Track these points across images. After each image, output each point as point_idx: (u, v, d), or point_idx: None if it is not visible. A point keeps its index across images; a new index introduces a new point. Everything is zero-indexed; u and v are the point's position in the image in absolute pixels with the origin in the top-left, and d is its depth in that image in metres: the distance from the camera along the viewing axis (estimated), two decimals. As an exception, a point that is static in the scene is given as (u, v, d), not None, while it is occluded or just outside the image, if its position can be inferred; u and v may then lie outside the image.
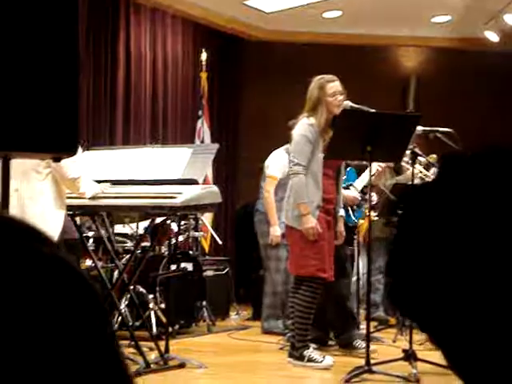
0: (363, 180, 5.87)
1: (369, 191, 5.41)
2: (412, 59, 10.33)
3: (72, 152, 2.76)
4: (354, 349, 5.77)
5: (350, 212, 5.82)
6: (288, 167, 5.60)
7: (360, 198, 5.88)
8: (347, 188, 5.81)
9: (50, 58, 2.60)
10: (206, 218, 7.92)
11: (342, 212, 5.52)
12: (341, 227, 5.49)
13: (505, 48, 9.49)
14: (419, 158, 5.65)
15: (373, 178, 5.74)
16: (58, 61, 2.61)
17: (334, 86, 5.29)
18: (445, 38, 9.91)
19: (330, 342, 6.05)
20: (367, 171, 5.75)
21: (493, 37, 9.12)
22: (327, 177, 5.27)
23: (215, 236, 7.91)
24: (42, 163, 4.41)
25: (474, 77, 9.95)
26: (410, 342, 5.21)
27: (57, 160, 2.83)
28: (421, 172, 5.88)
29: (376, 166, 5.87)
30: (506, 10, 8.51)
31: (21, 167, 4.13)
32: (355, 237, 6.64)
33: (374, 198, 6.43)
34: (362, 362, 4.99)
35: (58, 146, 2.67)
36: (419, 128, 5.25)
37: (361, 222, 6.73)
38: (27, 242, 0.60)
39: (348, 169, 5.87)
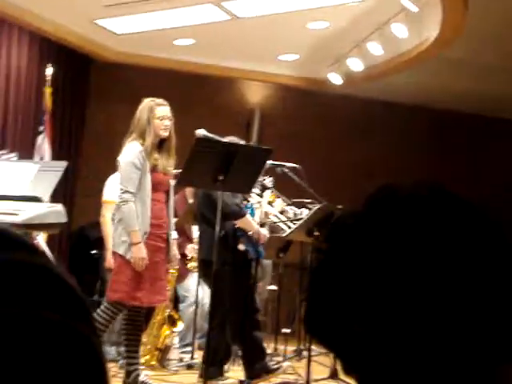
0: (258, 217, 5.92)
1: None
2: (257, 94, 10.54)
3: None
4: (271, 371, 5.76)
5: (261, 248, 5.78)
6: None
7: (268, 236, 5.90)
8: (262, 226, 5.82)
9: None
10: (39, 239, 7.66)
11: (174, 235, 5.46)
12: (174, 250, 5.42)
13: (348, 91, 9.89)
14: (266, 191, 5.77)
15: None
16: None
17: (164, 109, 5.29)
18: (290, 76, 10.19)
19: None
20: (258, 211, 5.83)
21: (336, 79, 9.46)
22: (156, 201, 5.21)
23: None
24: None
25: (315, 116, 10.30)
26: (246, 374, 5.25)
27: None
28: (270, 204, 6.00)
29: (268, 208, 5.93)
30: (351, 55, 8.86)
31: None
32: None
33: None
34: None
35: None
36: (268, 162, 5.36)
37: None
38: (14, 253, 0.55)
39: (249, 203, 5.87)
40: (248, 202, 5.79)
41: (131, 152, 5.15)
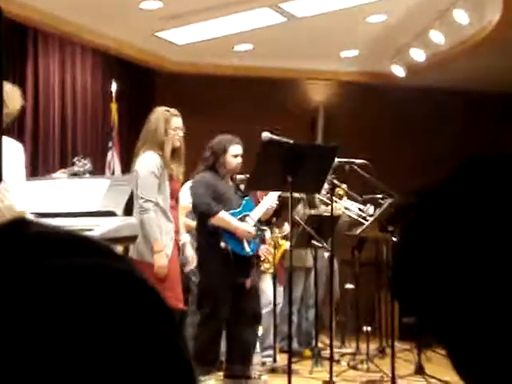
0: (261, 210, 5.82)
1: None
2: (320, 92, 10.50)
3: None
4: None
5: (245, 244, 5.67)
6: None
7: (254, 232, 5.76)
8: (242, 219, 5.75)
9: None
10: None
11: (186, 238, 5.47)
12: (190, 251, 5.45)
13: (411, 82, 9.77)
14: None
15: (263, 212, 5.75)
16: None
17: (178, 120, 5.36)
18: (352, 72, 10.13)
19: None
20: (265, 200, 5.76)
21: (399, 71, 9.36)
22: (172, 209, 5.29)
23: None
24: None
25: (380, 111, 10.20)
26: (331, 374, 5.22)
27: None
28: (335, 202, 5.95)
29: (271, 202, 5.85)
30: (412, 45, 8.76)
31: None
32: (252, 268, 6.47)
33: (287, 227, 6.44)
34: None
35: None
36: (336, 159, 5.32)
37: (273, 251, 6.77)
38: (98, 259, 0.56)
39: (244, 199, 5.81)
40: (245, 198, 5.74)
41: (150, 161, 5.20)
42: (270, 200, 5.82)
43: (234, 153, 5.63)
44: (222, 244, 5.55)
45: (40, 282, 0.54)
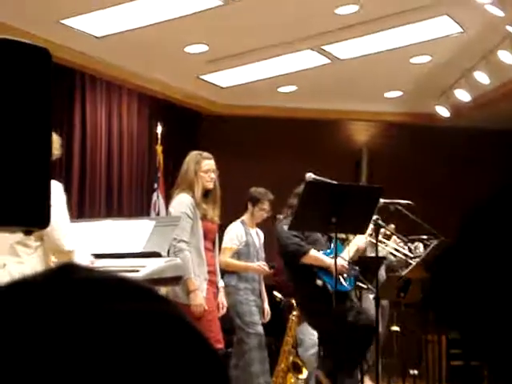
0: (349, 251, 5.83)
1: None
2: (364, 133, 10.49)
3: (44, 225, 2.68)
4: None
5: (342, 280, 5.64)
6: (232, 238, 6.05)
7: (348, 266, 5.77)
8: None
9: (21, 130, 2.54)
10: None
11: (221, 283, 5.55)
12: (221, 297, 5.51)
13: (455, 123, 9.72)
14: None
15: (355, 252, 5.76)
16: (29, 134, 2.55)
17: (209, 163, 5.43)
18: (396, 112, 10.11)
19: None
20: (354, 242, 5.78)
21: (444, 112, 9.32)
22: (207, 249, 5.34)
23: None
24: (31, 236, 4.25)
25: (425, 151, 10.15)
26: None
27: (28, 233, 2.74)
28: (382, 243, 5.92)
29: (360, 243, 5.87)
30: (457, 86, 8.73)
31: (6, 241, 3.98)
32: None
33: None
34: None
35: (30, 220, 2.59)
36: (380, 200, 5.30)
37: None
38: (144, 303, 0.58)
39: (332, 241, 5.81)
40: (330, 237, 5.68)
41: (183, 202, 5.30)
42: (358, 242, 5.83)
43: None
44: (319, 282, 5.54)
45: (104, 326, 0.55)
